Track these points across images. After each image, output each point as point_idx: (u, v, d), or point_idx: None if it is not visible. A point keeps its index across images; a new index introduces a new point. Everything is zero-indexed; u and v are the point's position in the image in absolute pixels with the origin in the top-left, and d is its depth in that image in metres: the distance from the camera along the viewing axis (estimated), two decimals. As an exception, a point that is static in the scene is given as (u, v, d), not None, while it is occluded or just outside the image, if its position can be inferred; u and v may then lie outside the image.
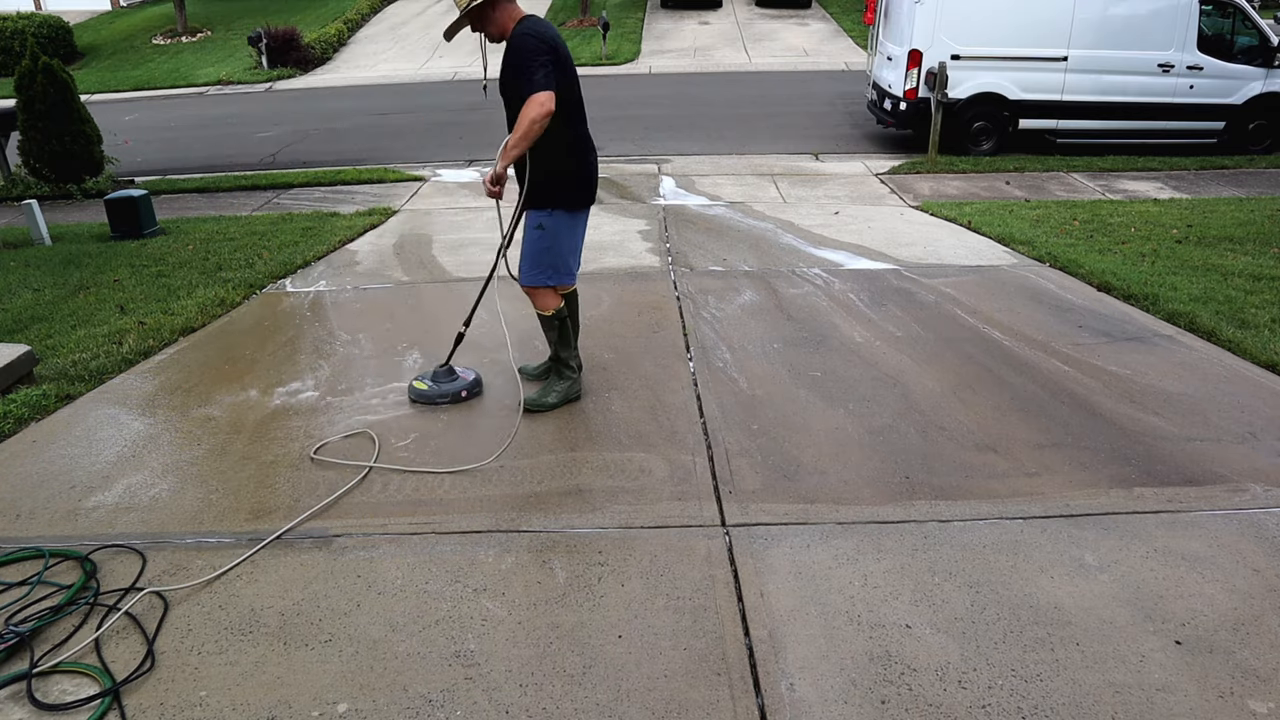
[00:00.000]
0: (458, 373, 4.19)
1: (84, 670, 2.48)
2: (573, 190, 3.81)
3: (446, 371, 4.16)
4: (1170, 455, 3.57)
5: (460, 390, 4.11)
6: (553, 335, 4.05)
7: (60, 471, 3.58)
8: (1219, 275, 5.91)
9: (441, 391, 4.09)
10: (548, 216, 3.81)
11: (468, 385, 4.15)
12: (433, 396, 4.08)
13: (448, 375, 4.15)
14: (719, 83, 17.25)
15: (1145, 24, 10.29)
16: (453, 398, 4.09)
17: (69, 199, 9.64)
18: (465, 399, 4.11)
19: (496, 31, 3.63)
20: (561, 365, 4.10)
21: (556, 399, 4.06)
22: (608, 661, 2.48)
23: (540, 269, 3.88)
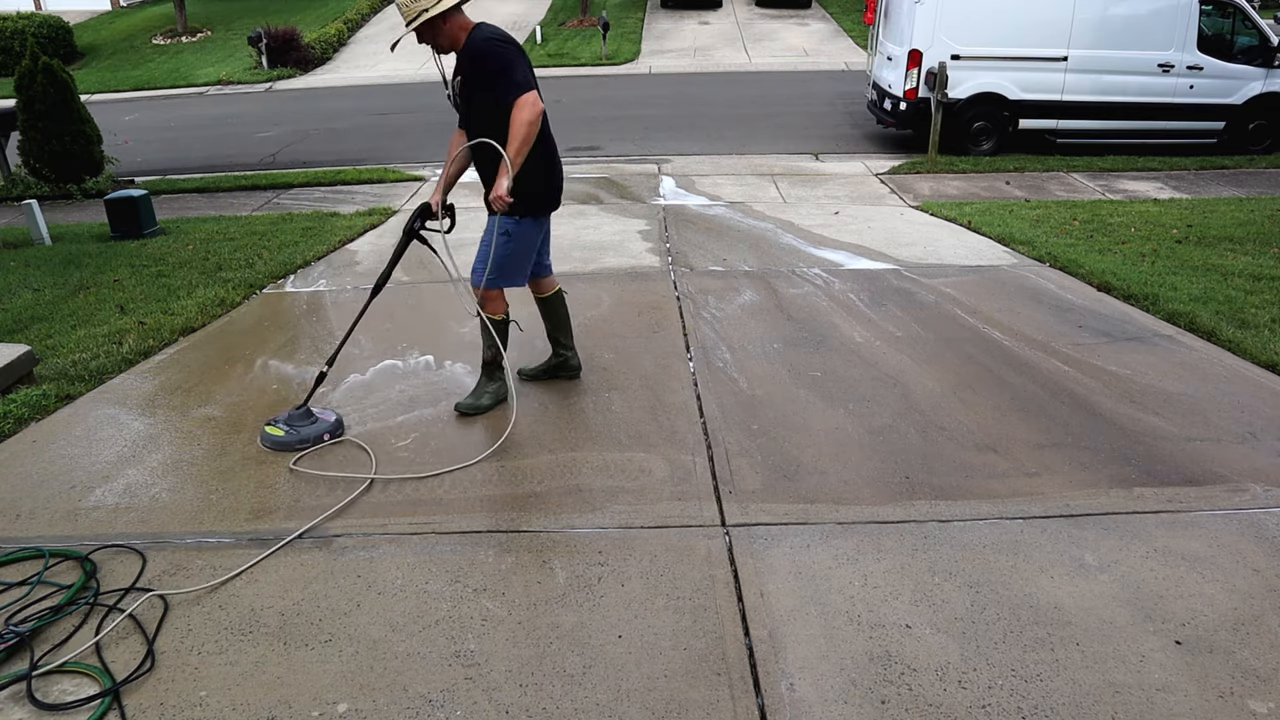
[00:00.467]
0: (316, 415, 3.83)
1: (84, 670, 2.48)
2: (542, 196, 3.80)
3: (303, 414, 3.79)
4: (1170, 455, 3.57)
5: (321, 434, 3.75)
6: (489, 336, 3.99)
7: (60, 471, 3.58)
8: (1219, 275, 5.91)
9: (301, 437, 3.70)
10: (515, 224, 3.76)
11: (329, 428, 3.79)
12: (290, 443, 3.68)
13: (304, 418, 3.78)
14: (719, 83, 17.26)
15: (1145, 24, 10.29)
16: (313, 442, 3.71)
17: (69, 199, 9.64)
18: (326, 443, 3.74)
19: (447, 43, 3.57)
20: (493, 368, 4.06)
21: (490, 400, 4.05)
22: (608, 661, 2.48)
23: (500, 273, 3.84)
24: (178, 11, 23.99)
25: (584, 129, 13.15)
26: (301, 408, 3.83)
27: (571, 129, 13.18)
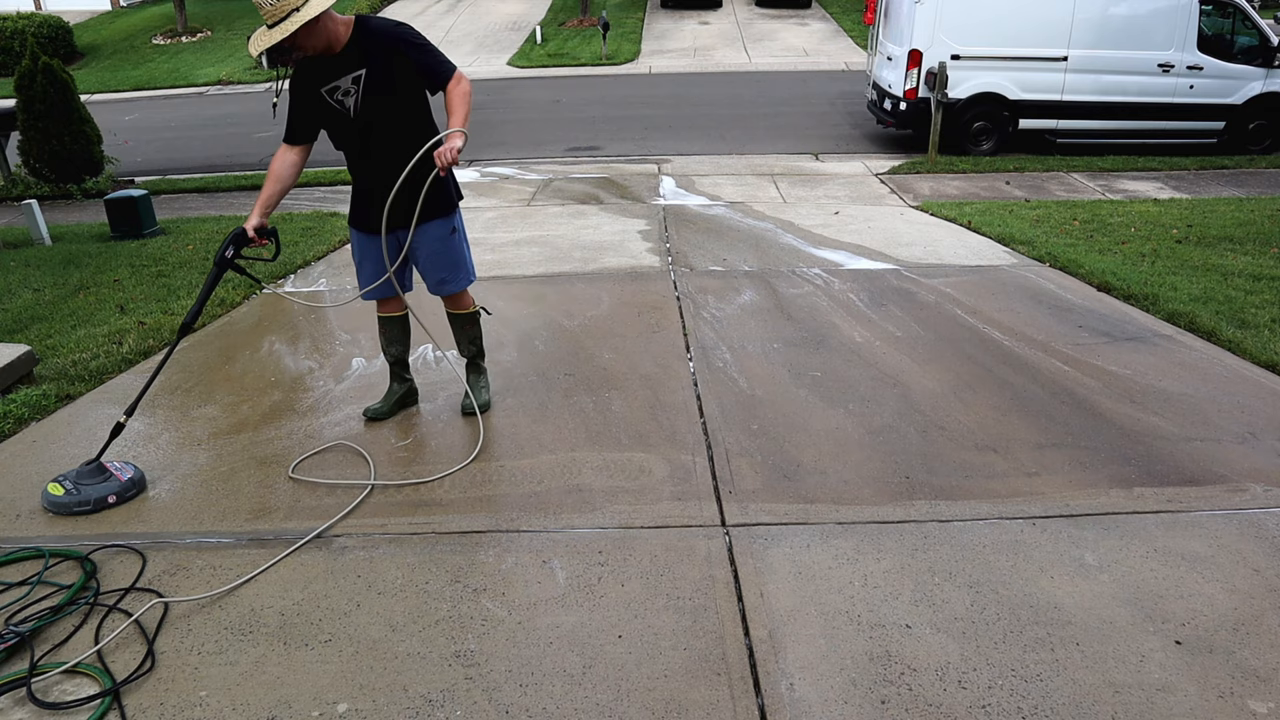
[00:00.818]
0: (110, 470, 3.30)
1: (84, 670, 2.48)
2: (456, 184, 3.69)
3: (93, 470, 3.28)
4: (1170, 455, 3.57)
5: (107, 495, 3.23)
6: (475, 331, 3.94)
7: (60, 471, 3.57)
8: (1219, 275, 5.91)
9: (82, 499, 3.20)
10: (456, 218, 3.68)
11: (119, 489, 3.26)
12: (68, 505, 3.20)
13: (95, 475, 3.27)
14: (719, 83, 17.26)
15: (1145, 24, 10.30)
16: (96, 505, 3.21)
17: (69, 199, 9.65)
18: (114, 505, 3.25)
19: (323, 43, 3.21)
20: (480, 359, 4.03)
21: (489, 394, 4.05)
22: (608, 661, 2.48)
23: (466, 269, 3.77)
24: (178, 11, 24.00)
25: (584, 129, 13.16)
26: (93, 462, 3.32)
27: (571, 129, 13.19)
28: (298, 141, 3.57)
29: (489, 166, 10.85)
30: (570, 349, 4.74)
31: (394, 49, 3.28)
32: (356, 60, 3.28)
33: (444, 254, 3.66)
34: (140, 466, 3.49)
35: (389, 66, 3.28)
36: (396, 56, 3.29)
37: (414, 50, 3.30)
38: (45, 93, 9.14)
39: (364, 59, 3.28)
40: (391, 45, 3.28)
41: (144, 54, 22.55)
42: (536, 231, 7.44)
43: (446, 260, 3.67)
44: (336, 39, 3.24)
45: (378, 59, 3.28)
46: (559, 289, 5.79)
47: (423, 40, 3.35)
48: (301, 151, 3.59)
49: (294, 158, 3.58)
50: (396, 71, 3.29)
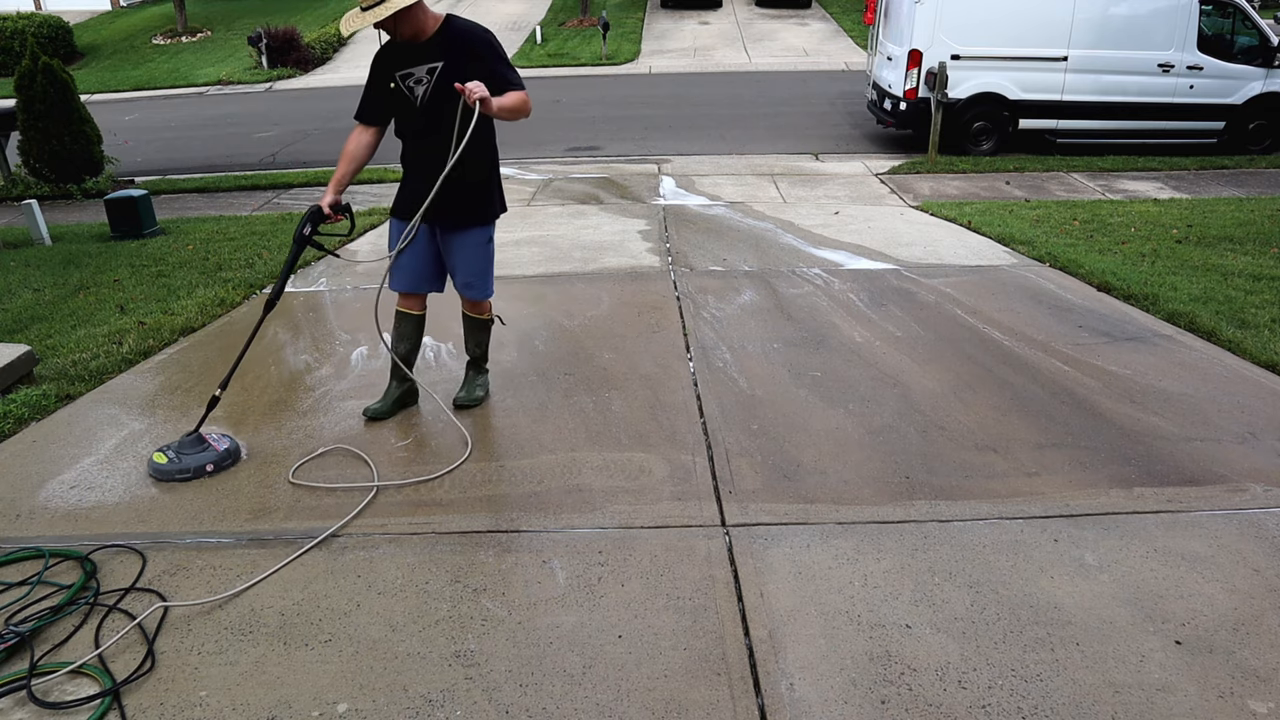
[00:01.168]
0: (209, 441, 3.57)
1: (84, 670, 2.48)
2: (501, 196, 3.83)
3: (194, 441, 3.55)
4: (1170, 455, 3.57)
5: (206, 464, 3.48)
6: (485, 336, 4.10)
7: (60, 471, 3.58)
8: (1219, 275, 5.91)
9: (182, 466, 3.45)
10: (491, 229, 3.84)
11: (216, 458, 3.52)
12: (171, 472, 3.45)
13: (195, 445, 3.54)
14: (719, 83, 17.26)
15: (1145, 24, 10.30)
16: (196, 473, 3.47)
17: (69, 199, 9.65)
18: (211, 473, 3.49)
19: (412, 32, 3.41)
20: (483, 361, 4.18)
21: (484, 391, 4.16)
22: (608, 661, 2.48)
23: (489, 277, 3.91)
24: (178, 11, 24.00)
25: (584, 129, 13.16)
26: (193, 433, 3.57)
27: (571, 129, 13.19)
28: (370, 122, 3.69)
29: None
30: (570, 349, 4.74)
31: (472, 51, 3.42)
32: (436, 53, 3.42)
33: (475, 260, 3.80)
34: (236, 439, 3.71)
35: (463, 65, 3.39)
36: (472, 58, 3.41)
37: (490, 57, 3.43)
38: (45, 93, 9.14)
39: (443, 53, 3.42)
40: (470, 47, 3.43)
41: (144, 54, 22.55)
42: (536, 231, 7.44)
43: (477, 266, 3.82)
44: (423, 29, 3.41)
45: (455, 56, 3.41)
46: (559, 289, 5.79)
47: (501, 52, 3.49)
48: (375, 133, 3.72)
49: (367, 138, 3.71)
50: (468, 72, 3.38)
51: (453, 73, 3.39)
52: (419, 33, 3.42)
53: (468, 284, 3.85)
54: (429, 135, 3.52)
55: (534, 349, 4.71)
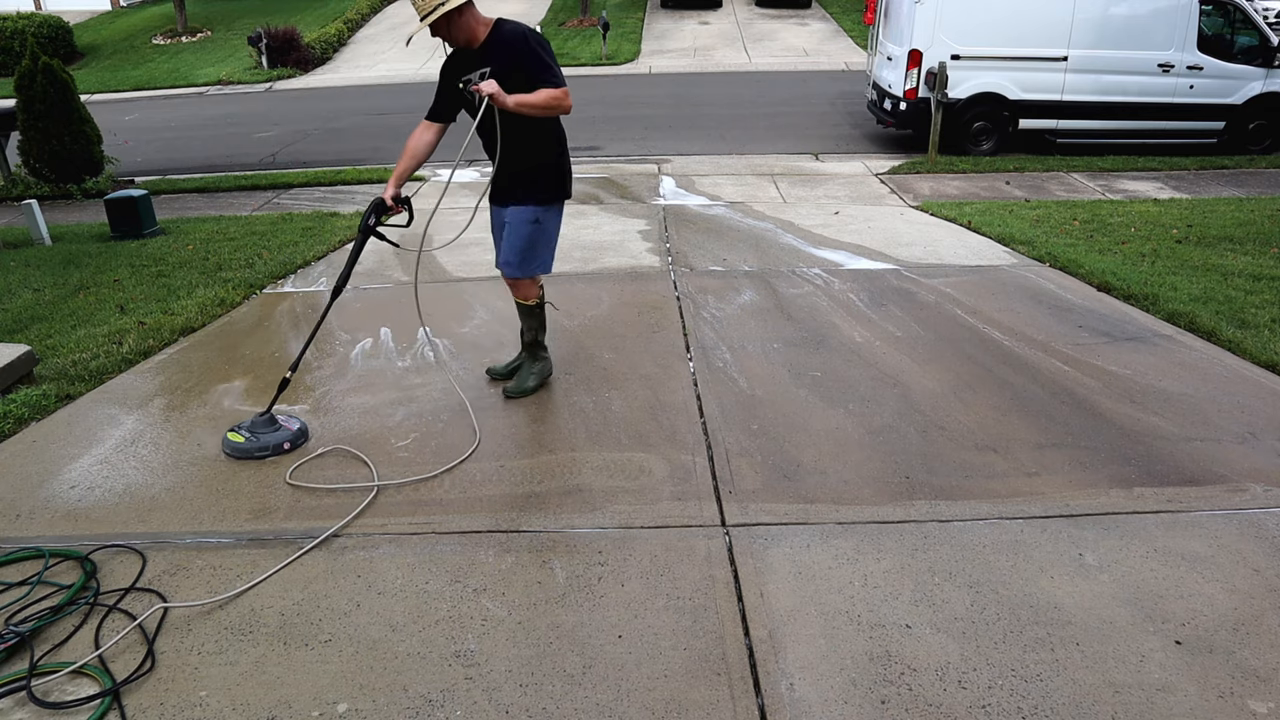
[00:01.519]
0: (280, 422, 3.76)
1: (84, 670, 2.48)
2: (563, 184, 3.95)
3: (267, 421, 3.74)
4: (1170, 455, 3.57)
5: (282, 442, 3.68)
6: (534, 322, 4.15)
7: (60, 471, 3.58)
8: (1219, 275, 5.91)
9: (260, 445, 3.65)
10: (543, 211, 3.92)
11: (290, 436, 3.72)
12: (250, 450, 3.63)
13: (268, 425, 3.72)
14: (719, 83, 17.26)
15: (1145, 24, 10.29)
16: (274, 450, 3.66)
17: (69, 199, 9.64)
18: (288, 451, 3.69)
19: (464, 37, 3.59)
20: (537, 348, 4.23)
21: (535, 382, 4.21)
22: (608, 661, 2.48)
23: (532, 261, 3.97)
24: (178, 11, 23.99)
25: (584, 129, 13.15)
26: (265, 414, 3.76)
27: (571, 129, 13.14)
28: (436, 120, 3.88)
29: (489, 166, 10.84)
30: (570, 349, 4.74)
31: (515, 53, 3.60)
32: (485, 58, 3.64)
33: (516, 238, 3.92)
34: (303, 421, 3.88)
35: (509, 68, 3.59)
36: (516, 61, 3.59)
37: (532, 58, 3.59)
38: (45, 93, 9.14)
39: (491, 58, 3.62)
40: (513, 50, 3.60)
41: (144, 54, 22.55)
42: (536, 231, 7.43)
43: (516, 244, 3.92)
44: (475, 36, 3.61)
45: (501, 59, 3.61)
46: (559, 289, 5.78)
47: (543, 54, 3.62)
48: (437, 130, 3.89)
49: (430, 136, 3.88)
50: (513, 73, 3.57)
51: (499, 77, 3.57)
52: (471, 39, 3.62)
53: (506, 261, 3.97)
54: (490, 130, 3.74)
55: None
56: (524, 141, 3.73)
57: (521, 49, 3.59)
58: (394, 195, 3.83)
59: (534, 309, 4.11)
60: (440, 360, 4.38)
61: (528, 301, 4.08)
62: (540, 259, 3.98)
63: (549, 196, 3.91)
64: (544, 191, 3.88)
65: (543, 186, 3.87)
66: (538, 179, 3.86)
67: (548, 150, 3.85)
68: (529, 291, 4.06)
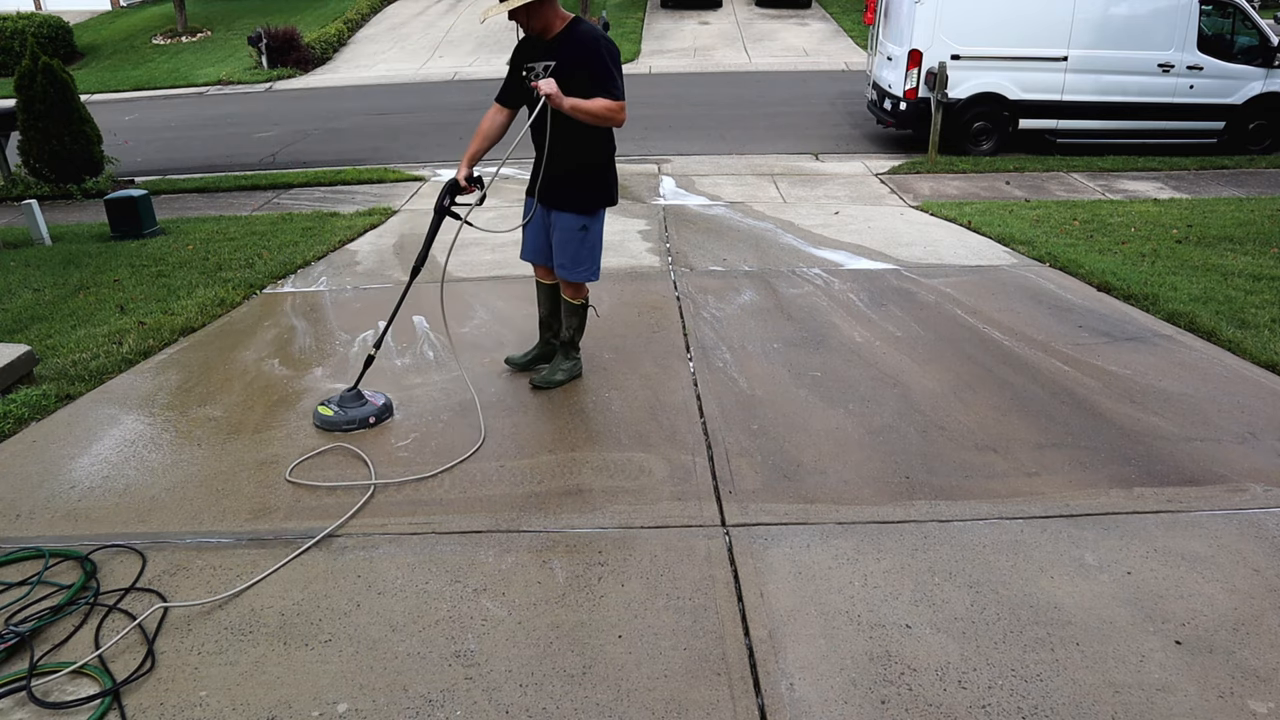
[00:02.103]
0: (366, 397, 3.96)
1: (84, 670, 2.48)
2: (612, 191, 4.04)
3: (354, 396, 3.93)
4: (1170, 455, 3.57)
5: (369, 416, 3.87)
6: (575, 321, 4.26)
7: (60, 471, 3.58)
8: (1219, 275, 5.91)
9: (349, 418, 3.84)
10: (590, 219, 3.99)
11: (376, 411, 3.91)
12: (338, 423, 3.83)
13: (355, 400, 3.92)
14: (719, 83, 17.25)
15: (1145, 24, 10.29)
16: (360, 424, 3.85)
17: (69, 199, 9.64)
18: (374, 425, 3.87)
19: (540, 26, 3.69)
20: (571, 348, 4.31)
21: (564, 377, 4.29)
22: (608, 661, 2.48)
23: (586, 266, 4.07)
24: (178, 11, 23.99)
25: (584, 129, 13.14)
26: (352, 389, 3.96)
27: (571, 129, 13.19)
28: (504, 104, 4.00)
29: (489, 166, 10.84)
30: (570, 349, 4.73)
31: (584, 55, 3.65)
32: (554, 52, 3.71)
33: (567, 244, 4.01)
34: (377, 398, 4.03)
35: (573, 68, 3.65)
36: (581, 64, 3.65)
37: (598, 64, 3.63)
38: (45, 93, 9.14)
39: (559, 53, 3.70)
40: (583, 51, 3.65)
41: (144, 54, 22.55)
42: (536, 231, 7.43)
43: (569, 251, 4.02)
44: (550, 27, 3.70)
45: (568, 57, 3.67)
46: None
47: (610, 62, 3.66)
48: (507, 114, 4.01)
49: (500, 119, 4.01)
50: (577, 73, 3.64)
51: (563, 72, 3.65)
52: (546, 29, 3.70)
53: (560, 265, 4.07)
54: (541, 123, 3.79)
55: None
56: (574, 142, 3.78)
57: (591, 52, 3.63)
58: (466, 176, 3.96)
59: (578, 309, 4.21)
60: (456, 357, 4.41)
61: (574, 301, 4.18)
62: (589, 264, 4.07)
63: (595, 204, 3.97)
64: (590, 198, 3.95)
65: (589, 192, 3.94)
66: (584, 182, 3.91)
67: (596, 153, 3.89)
68: (578, 292, 4.18)
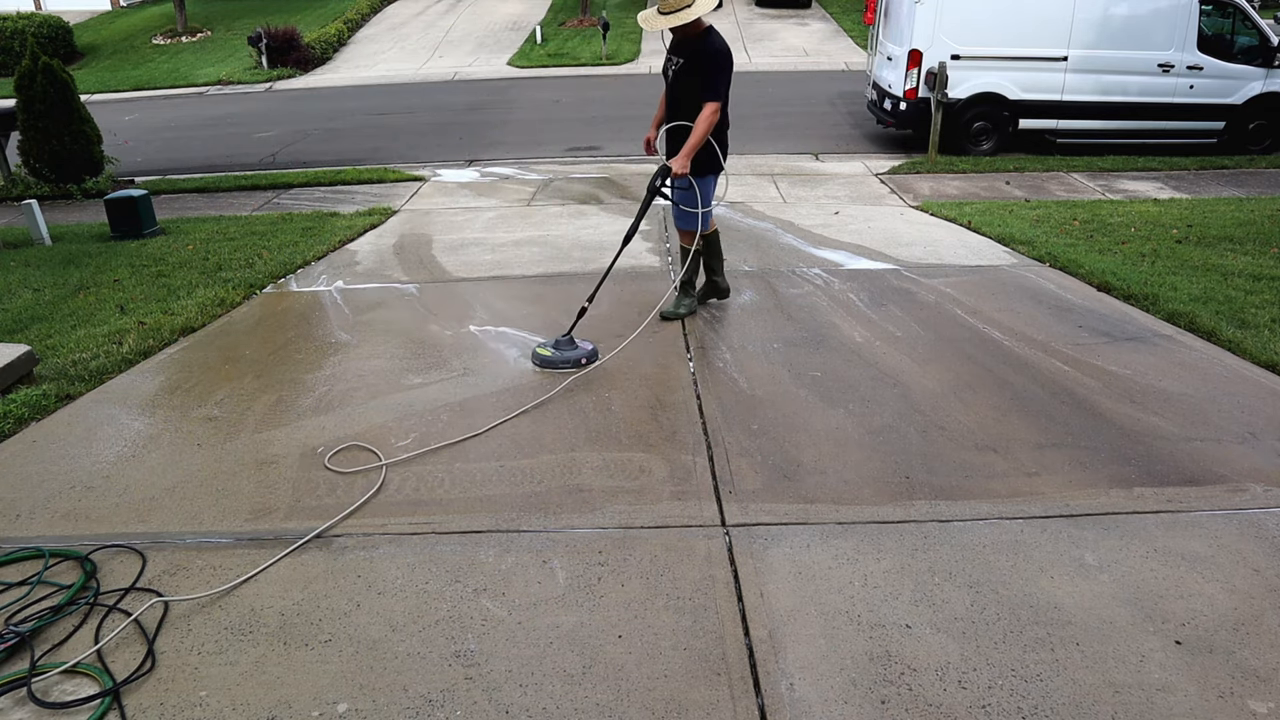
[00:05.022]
0: (577, 343, 4.57)
1: (84, 670, 2.48)
2: (715, 159, 4.79)
3: (568, 341, 4.55)
4: (1170, 455, 3.57)
5: (580, 358, 4.48)
6: (691, 265, 5.09)
7: (60, 471, 3.58)
8: (1219, 275, 5.91)
9: (564, 358, 4.45)
10: (710, 180, 4.85)
11: (587, 354, 4.52)
12: (555, 362, 4.44)
13: (569, 344, 4.53)
14: (719, 83, 17.23)
15: (1145, 24, 10.29)
16: (574, 364, 4.44)
17: (69, 199, 9.64)
18: (585, 365, 4.45)
19: (683, 36, 4.58)
20: (689, 287, 5.20)
21: (686, 311, 5.15)
22: (608, 661, 2.48)
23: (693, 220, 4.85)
24: (178, 11, 23.99)
25: (584, 129, 13.16)
26: (566, 336, 4.57)
27: (571, 129, 13.19)
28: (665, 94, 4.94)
29: (489, 166, 10.84)
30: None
31: (704, 61, 4.57)
32: (686, 54, 4.64)
33: (683, 198, 4.86)
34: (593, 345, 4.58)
35: (693, 65, 4.61)
36: (701, 67, 4.58)
37: (707, 66, 4.56)
38: (45, 93, 9.14)
39: (689, 56, 4.63)
40: (704, 58, 4.57)
41: (144, 54, 22.55)
42: (536, 231, 7.44)
43: (683, 202, 4.87)
44: (691, 33, 4.58)
45: (692, 59, 4.62)
46: (559, 289, 5.79)
47: (716, 67, 4.55)
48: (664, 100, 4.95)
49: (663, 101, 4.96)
50: (693, 70, 4.60)
51: (685, 68, 4.63)
52: (687, 35, 4.59)
53: (677, 216, 4.98)
54: (670, 108, 4.83)
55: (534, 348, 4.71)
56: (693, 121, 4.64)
57: (707, 62, 4.54)
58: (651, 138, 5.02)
59: (690, 252, 5.01)
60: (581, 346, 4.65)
61: (687, 247, 5.01)
62: (697, 217, 4.82)
63: (703, 168, 4.76)
64: (699, 164, 4.71)
65: (700, 159, 4.69)
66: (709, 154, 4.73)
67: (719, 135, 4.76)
68: (689, 239, 4.95)
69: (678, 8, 4.42)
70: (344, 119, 14.50)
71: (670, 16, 4.43)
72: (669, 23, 4.43)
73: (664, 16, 4.46)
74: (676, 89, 4.70)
